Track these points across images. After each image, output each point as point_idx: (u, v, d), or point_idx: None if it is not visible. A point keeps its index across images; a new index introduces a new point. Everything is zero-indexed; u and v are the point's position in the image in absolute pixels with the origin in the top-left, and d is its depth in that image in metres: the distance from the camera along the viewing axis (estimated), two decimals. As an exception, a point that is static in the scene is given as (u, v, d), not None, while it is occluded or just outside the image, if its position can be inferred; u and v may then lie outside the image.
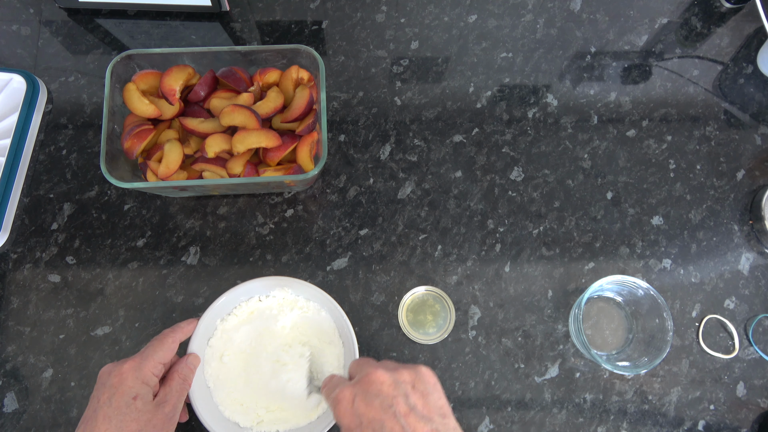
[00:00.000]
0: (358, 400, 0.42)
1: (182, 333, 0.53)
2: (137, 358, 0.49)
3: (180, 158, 0.59)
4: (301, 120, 0.62)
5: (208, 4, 0.71)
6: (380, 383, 0.43)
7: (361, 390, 0.43)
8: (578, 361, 0.62)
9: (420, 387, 0.43)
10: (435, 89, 0.71)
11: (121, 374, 0.48)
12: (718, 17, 0.76)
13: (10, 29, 0.72)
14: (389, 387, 0.42)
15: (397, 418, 0.40)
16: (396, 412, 0.41)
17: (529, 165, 0.69)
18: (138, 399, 0.47)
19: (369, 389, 0.43)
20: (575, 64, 0.73)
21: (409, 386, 0.43)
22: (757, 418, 0.61)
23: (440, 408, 0.43)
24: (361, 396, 0.42)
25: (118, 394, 0.47)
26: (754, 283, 0.65)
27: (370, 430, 0.41)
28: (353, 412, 0.42)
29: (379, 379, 0.43)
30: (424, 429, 0.40)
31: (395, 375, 0.44)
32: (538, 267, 0.65)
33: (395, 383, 0.43)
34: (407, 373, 0.44)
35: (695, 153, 0.70)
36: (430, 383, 0.44)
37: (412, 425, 0.40)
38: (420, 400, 0.42)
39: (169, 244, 0.64)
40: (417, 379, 0.44)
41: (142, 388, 0.48)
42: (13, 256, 0.63)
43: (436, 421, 0.41)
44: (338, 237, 0.65)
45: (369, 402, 0.42)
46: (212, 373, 0.56)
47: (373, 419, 0.41)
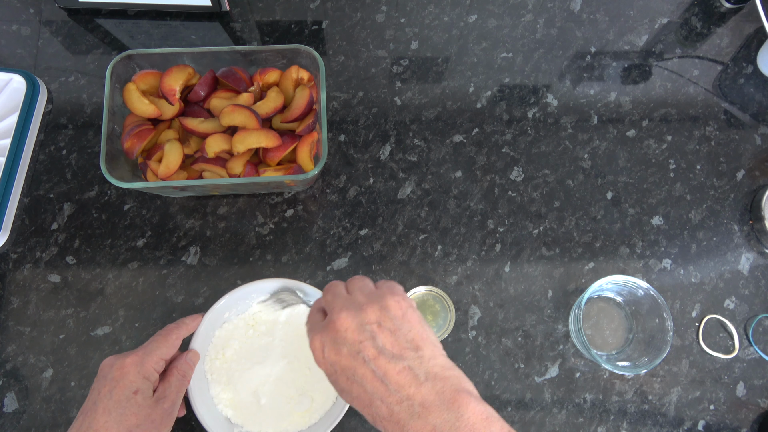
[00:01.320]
0: (328, 348, 0.41)
1: (186, 329, 0.53)
2: (140, 352, 0.49)
3: (180, 158, 0.59)
4: (301, 120, 0.62)
5: (208, 4, 0.71)
6: (345, 329, 0.41)
7: (328, 338, 0.42)
8: (578, 361, 0.62)
9: (387, 324, 0.41)
10: (435, 89, 0.71)
11: (123, 368, 0.48)
12: (718, 17, 0.76)
13: (10, 29, 0.72)
14: (354, 332, 0.41)
15: (367, 363, 0.39)
16: (365, 357, 0.39)
17: (529, 165, 0.69)
18: (138, 393, 0.47)
19: (336, 337, 0.41)
20: (575, 64, 0.73)
21: (375, 326, 0.41)
22: (757, 418, 0.61)
23: (411, 341, 0.41)
24: (330, 344, 0.41)
25: (119, 387, 0.47)
26: (754, 283, 0.65)
27: (344, 378, 0.40)
28: (326, 361, 0.41)
29: (343, 325, 0.41)
30: (395, 368, 0.39)
31: (360, 316, 0.41)
32: (538, 267, 0.65)
33: (360, 326, 0.41)
34: (372, 312, 0.42)
35: (695, 153, 0.70)
36: (398, 316, 0.42)
37: (383, 368, 0.39)
38: (389, 338, 0.40)
39: (169, 244, 0.64)
40: (383, 316, 0.41)
41: (143, 383, 0.48)
42: (13, 256, 0.63)
43: (408, 356, 0.39)
44: (338, 237, 0.65)
45: (338, 350, 0.41)
46: (211, 367, 0.57)
47: (345, 367, 0.40)
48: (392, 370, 0.39)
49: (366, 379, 0.39)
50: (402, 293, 0.44)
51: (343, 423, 0.58)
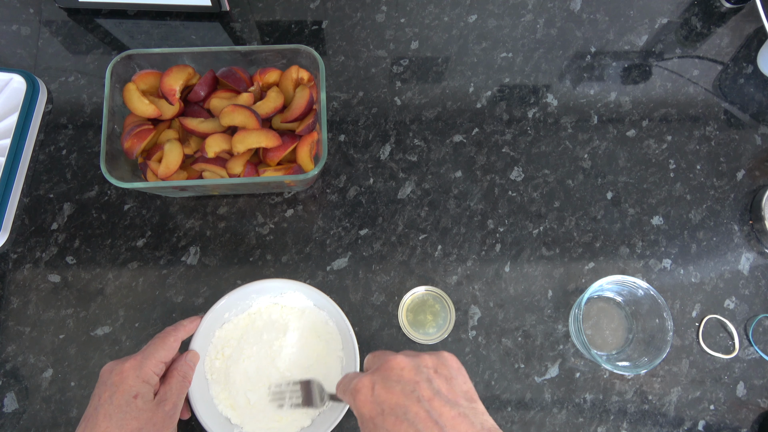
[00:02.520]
0: (378, 387, 0.40)
1: (185, 331, 0.53)
2: (138, 356, 0.49)
3: (180, 158, 0.59)
4: (301, 120, 0.62)
5: (208, 4, 0.71)
6: (401, 369, 0.41)
7: (380, 377, 0.41)
8: (578, 361, 0.62)
9: (443, 371, 0.41)
10: (435, 89, 0.71)
11: (122, 373, 0.48)
12: (718, 17, 0.76)
13: (10, 29, 0.72)
14: (410, 372, 0.40)
15: (421, 402, 0.38)
16: (419, 396, 0.39)
17: (529, 165, 0.69)
18: (139, 397, 0.47)
19: (389, 375, 0.41)
20: (575, 64, 0.73)
21: (432, 371, 0.41)
22: (757, 418, 0.61)
23: (466, 392, 0.41)
24: (381, 383, 0.40)
25: (119, 392, 0.47)
26: (754, 283, 0.65)
27: (393, 417, 0.39)
28: (373, 400, 0.40)
29: (399, 364, 0.41)
30: (451, 413, 0.38)
31: (417, 360, 0.42)
32: (538, 267, 0.65)
33: (416, 368, 0.41)
34: (429, 359, 0.42)
35: (695, 153, 0.70)
36: (454, 367, 0.42)
37: (438, 409, 0.38)
38: (444, 385, 0.40)
39: (169, 244, 0.64)
40: (439, 364, 0.42)
41: (143, 386, 0.48)
42: (13, 256, 0.63)
43: (463, 405, 0.39)
44: (338, 237, 0.65)
45: (390, 388, 0.40)
46: (210, 367, 0.57)
47: (396, 405, 0.39)
48: (448, 414, 0.38)
49: (419, 419, 0.38)
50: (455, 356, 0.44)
51: (342, 424, 0.58)
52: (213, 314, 0.56)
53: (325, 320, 0.59)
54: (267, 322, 0.58)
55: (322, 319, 0.59)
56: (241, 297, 0.58)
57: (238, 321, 0.58)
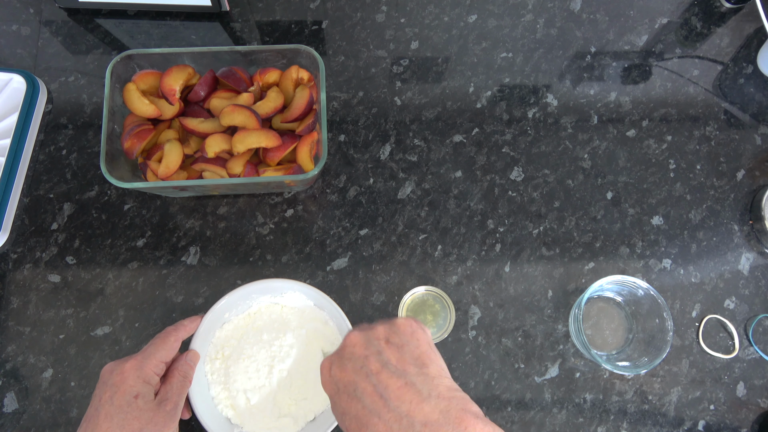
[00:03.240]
0: (334, 367, 0.41)
1: (185, 331, 0.53)
2: (139, 356, 0.49)
3: (180, 158, 0.59)
4: (301, 120, 0.62)
5: (208, 4, 0.71)
6: (352, 345, 0.41)
7: (337, 357, 0.42)
8: (578, 361, 0.62)
9: (394, 339, 0.41)
10: (435, 89, 0.71)
11: (122, 373, 0.48)
12: (718, 17, 0.76)
13: (10, 29, 0.72)
14: (361, 347, 0.41)
15: (369, 377, 0.38)
16: (368, 371, 0.39)
17: (529, 165, 0.69)
18: (139, 398, 0.47)
19: (343, 353, 0.41)
20: (575, 64, 0.73)
21: (383, 342, 0.41)
22: (757, 418, 0.61)
23: (417, 358, 0.40)
24: (337, 362, 0.41)
25: (120, 392, 0.47)
26: (754, 283, 0.65)
27: (345, 395, 0.39)
28: (331, 380, 0.41)
29: (351, 341, 0.41)
30: (397, 383, 0.38)
31: (368, 333, 0.42)
32: (538, 267, 0.65)
33: (367, 342, 0.41)
34: (381, 329, 0.42)
35: (695, 153, 0.70)
36: (406, 333, 0.41)
37: (384, 382, 0.38)
38: (394, 354, 0.40)
39: (169, 244, 0.64)
40: (391, 332, 0.41)
41: (144, 386, 0.48)
42: (13, 256, 0.63)
43: (411, 372, 0.39)
44: (338, 237, 0.65)
45: (343, 366, 0.40)
46: (211, 367, 0.57)
47: (348, 382, 0.39)
48: (393, 385, 0.38)
49: (366, 394, 0.38)
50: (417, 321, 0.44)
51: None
52: (213, 314, 0.56)
53: (325, 320, 0.59)
54: (267, 322, 0.58)
55: (322, 319, 0.59)
56: (241, 297, 0.58)
57: (238, 321, 0.58)
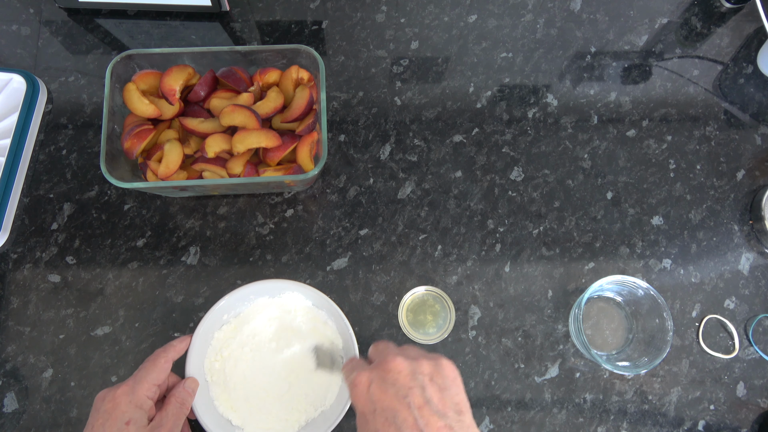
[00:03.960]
0: (374, 386, 0.42)
1: (174, 352, 0.53)
2: (130, 381, 0.49)
3: (180, 158, 0.59)
4: (301, 120, 0.62)
5: (208, 4, 0.71)
6: (398, 372, 0.42)
7: (377, 376, 0.42)
8: (578, 361, 0.62)
9: (438, 380, 0.42)
10: (435, 89, 0.71)
11: (114, 399, 0.48)
12: (718, 17, 0.76)
13: (10, 29, 0.72)
14: (406, 377, 0.42)
15: (411, 409, 0.40)
16: (410, 402, 0.40)
17: (529, 165, 0.69)
18: (131, 424, 0.47)
19: (386, 377, 0.42)
20: (575, 64, 0.73)
21: (427, 378, 0.42)
22: (757, 418, 0.61)
23: (456, 404, 0.42)
24: (378, 382, 0.42)
25: (112, 419, 0.47)
26: (754, 283, 0.65)
27: (382, 419, 0.40)
28: (368, 397, 0.42)
29: (397, 367, 0.42)
30: (438, 424, 0.39)
31: (414, 365, 0.43)
32: (538, 267, 0.65)
33: (413, 373, 0.42)
34: (427, 364, 0.43)
35: (695, 153, 0.70)
36: (450, 377, 0.43)
37: (426, 418, 0.39)
38: (437, 394, 0.41)
39: (169, 244, 0.64)
40: (436, 372, 0.43)
41: (136, 412, 0.48)
42: (13, 256, 0.63)
43: (450, 417, 0.40)
44: (338, 237, 0.65)
45: (384, 389, 0.41)
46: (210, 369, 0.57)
47: (387, 407, 0.40)
48: (434, 424, 0.39)
49: (406, 425, 0.39)
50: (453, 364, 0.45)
51: (342, 425, 0.58)
52: (211, 316, 0.56)
53: (324, 320, 0.59)
54: (265, 323, 0.58)
55: (321, 319, 0.59)
56: (240, 298, 0.58)
57: (236, 322, 0.58)
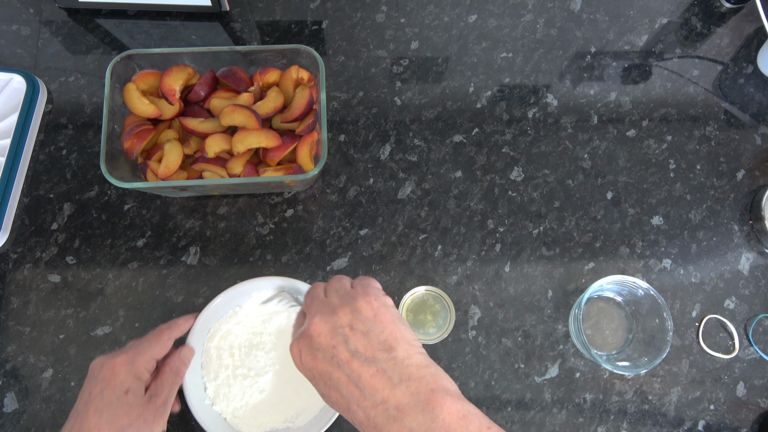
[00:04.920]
0: (304, 355, 0.42)
1: (179, 329, 0.53)
2: (131, 352, 0.49)
3: (180, 158, 0.59)
4: (301, 120, 0.62)
5: (208, 4, 0.71)
6: (318, 335, 0.42)
7: (305, 345, 0.42)
8: (578, 361, 0.62)
9: (359, 326, 0.41)
10: (435, 89, 0.71)
11: (113, 367, 0.48)
12: (718, 17, 0.76)
13: (10, 29, 0.72)
14: (327, 337, 0.41)
15: (341, 367, 0.40)
16: (339, 361, 0.40)
17: (529, 165, 0.69)
18: (129, 393, 0.47)
19: (311, 343, 0.42)
20: (575, 64, 0.73)
21: (348, 329, 0.41)
22: (757, 418, 0.61)
23: (384, 342, 0.40)
24: (306, 350, 0.42)
25: (110, 387, 0.47)
26: (754, 283, 0.65)
27: (322, 382, 0.41)
28: (304, 366, 0.42)
29: (316, 330, 0.42)
30: (368, 372, 0.39)
31: (332, 320, 0.42)
32: (538, 267, 0.65)
33: (333, 330, 0.41)
34: (344, 315, 0.42)
35: (695, 153, 0.70)
36: (369, 317, 0.42)
37: (356, 371, 0.39)
38: (361, 341, 0.40)
39: (169, 244, 0.64)
40: (354, 318, 0.42)
41: (135, 382, 0.48)
42: (13, 256, 0.63)
43: (381, 358, 0.39)
44: (338, 237, 0.65)
45: (314, 356, 0.41)
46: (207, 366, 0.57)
47: (322, 372, 0.41)
48: (365, 374, 0.39)
49: (341, 384, 0.39)
50: (375, 292, 0.44)
51: (340, 421, 0.58)
52: (209, 312, 0.56)
53: None
54: (263, 319, 0.58)
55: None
56: (237, 295, 0.58)
57: (233, 318, 0.58)
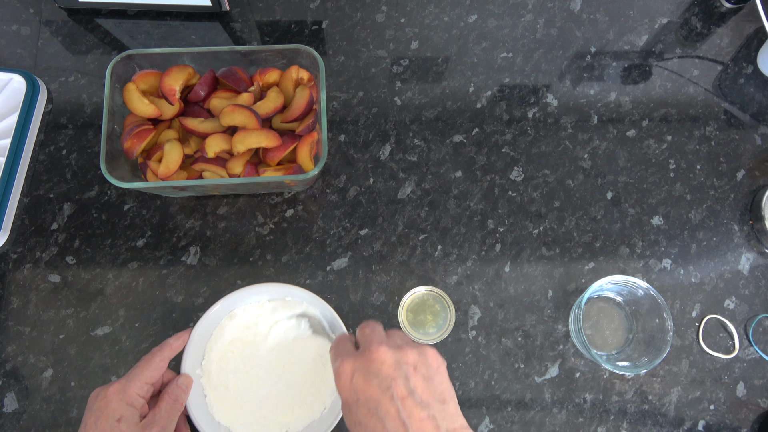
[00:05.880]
0: (357, 376, 0.42)
1: (170, 350, 0.53)
2: (123, 380, 0.49)
3: (180, 158, 0.59)
4: (301, 120, 0.62)
5: (208, 4, 0.71)
6: (381, 362, 0.41)
7: (361, 366, 0.42)
8: (578, 361, 0.62)
9: (422, 370, 0.42)
10: (435, 89, 0.71)
11: (106, 397, 0.48)
12: (718, 17, 0.76)
13: (10, 29, 0.72)
14: (390, 367, 0.41)
15: (394, 400, 0.39)
16: (393, 394, 0.40)
17: (529, 165, 0.69)
18: (122, 421, 0.47)
19: (370, 367, 0.41)
20: (575, 64, 0.73)
21: (411, 368, 0.42)
22: (757, 418, 0.61)
23: (440, 393, 0.41)
24: (361, 372, 0.42)
25: (103, 417, 0.47)
26: (754, 283, 0.65)
27: (365, 409, 0.40)
28: (351, 387, 0.42)
29: (381, 357, 0.42)
30: (420, 414, 0.39)
31: (399, 354, 0.42)
32: (538, 267, 0.65)
33: (397, 364, 0.42)
34: (411, 354, 0.43)
35: (695, 153, 0.70)
36: (434, 366, 0.43)
37: (408, 409, 0.39)
38: (420, 384, 0.41)
39: (169, 244, 0.64)
40: (420, 361, 0.42)
41: (128, 409, 0.48)
42: (13, 256, 0.63)
43: (434, 407, 0.40)
44: (338, 237, 0.65)
45: (368, 380, 0.41)
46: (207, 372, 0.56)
47: (370, 398, 0.40)
48: (417, 415, 0.39)
49: (389, 416, 0.39)
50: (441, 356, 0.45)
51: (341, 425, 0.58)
52: (207, 320, 0.56)
53: (318, 321, 0.59)
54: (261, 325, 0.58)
55: (316, 320, 0.59)
56: (235, 301, 0.57)
57: (231, 325, 0.58)
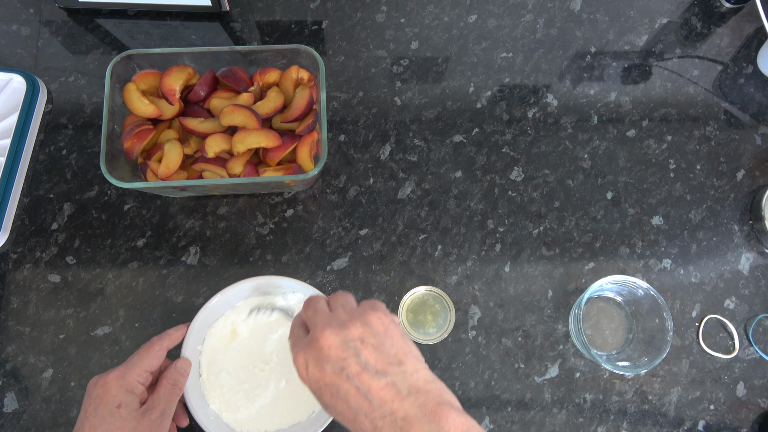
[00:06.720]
0: (311, 366, 0.42)
1: (170, 340, 0.53)
2: (122, 367, 0.50)
3: (180, 158, 0.59)
4: (301, 120, 0.62)
5: (208, 4, 0.71)
6: (328, 347, 0.41)
7: (312, 356, 0.42)
8: (578, 361, 0.62)
9: (370, 340, 0.42)
10: (435, 89, 0.71)
11: (105, 384, 0.48)
12: (718, 17, 0.76)
13: (10, 29, 0.72)
14: (337, 349, 0.41)
15: (351, 380, 0.40)
16: (348, 374, 0.40)
17: (529, 165, 0.69)
18: (122, 407, 0.47)
19: (319, 355, 0.42)
20: (575, 64, 0.73)
21: (359, 342, 0.41)
22: (757, 418, 0.61)
23: (394, 356, 0.41)
24: (313, 362, 0.42)
25: (103, 403, 0.47)
26: (754, 283, 0.65)
27: (329, 394, 0.41)
28: (310, 378, 0.42)
29: (326, 342, 0.42)
30: (379, 385, 0.39)
31: (343, 333, 0.42)
32: (538, 267, 0.65)
33: (344, 343, 0.41)
34: (355, 328, 0.42)
35: (695, 153, 0.70)
36: (380, 332, 0.42)
37: (366, 384, 0.39)
38: (372, 355, 0.41)
39: (169, 244, 0.64)
40: (366, 332, 0.42)
41: (127, 396, 0.48)
42: (13, 256, 0.63)
43: (391, 372, 0.40)
44: (338, 237, 0.65)
45: (321, 368, 0.41)
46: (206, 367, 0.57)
47: (329, 384, 0.41)
48: (376, 386, 0.39)
49: (350, 396, 0.40)
50: (384, 309, 0.44)
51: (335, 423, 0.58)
52: (206, 312, 0.56)
53: None
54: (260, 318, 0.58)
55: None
56: (234, 295, 0.58)
57: (231, 318, 0.58)
